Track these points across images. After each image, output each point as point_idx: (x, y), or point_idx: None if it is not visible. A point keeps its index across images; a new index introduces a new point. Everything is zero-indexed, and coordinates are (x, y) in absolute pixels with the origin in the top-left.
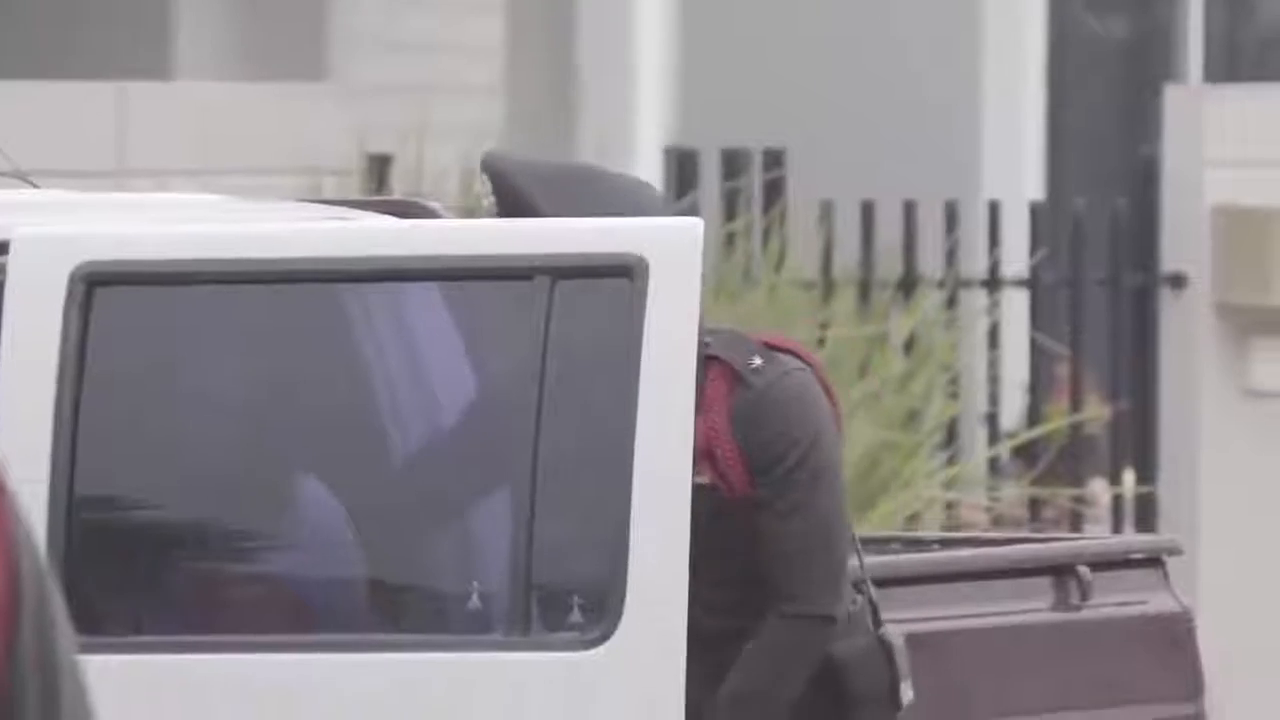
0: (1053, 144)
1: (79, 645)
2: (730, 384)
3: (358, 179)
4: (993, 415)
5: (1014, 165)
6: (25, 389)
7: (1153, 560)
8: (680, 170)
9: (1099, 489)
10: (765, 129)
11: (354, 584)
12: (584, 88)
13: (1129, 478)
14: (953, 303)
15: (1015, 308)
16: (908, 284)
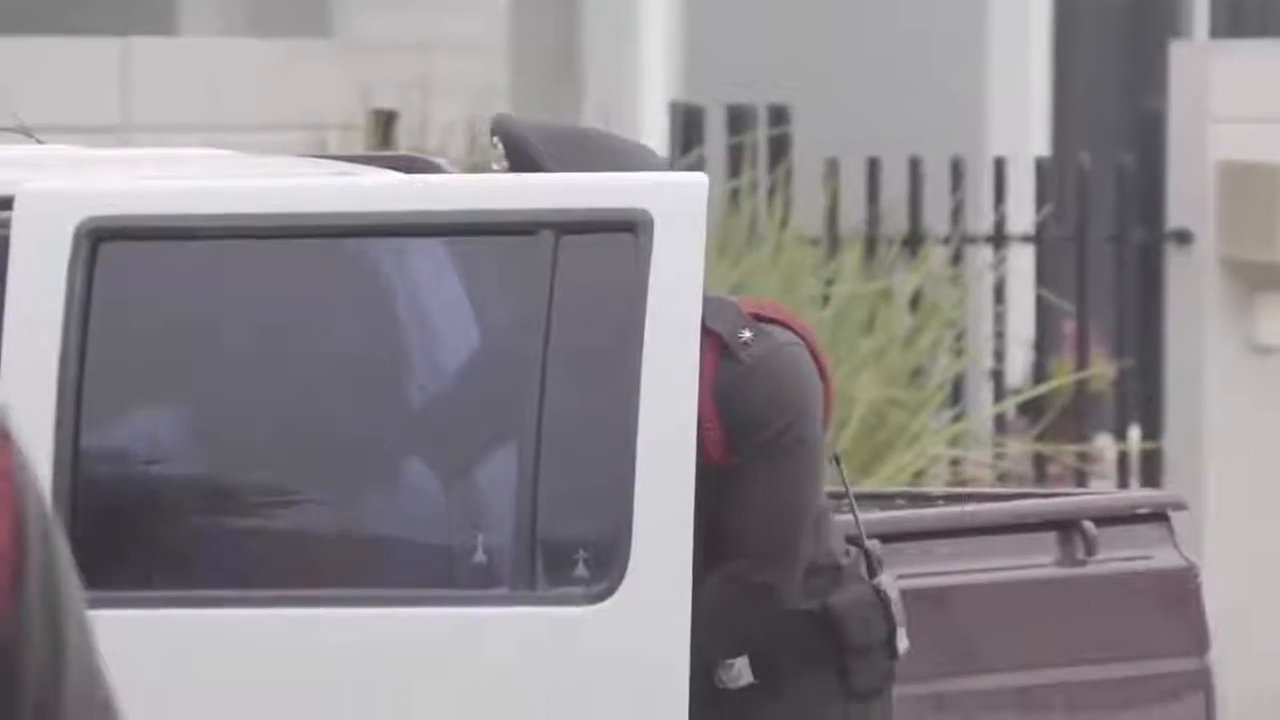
0: (1058, 100)
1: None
2: (717, 355)
3: (363, 134)
4: (998, 372)
5: (1020, 121)
6: (30, 344)
7: (1158, 515)
8: (685, 126)
9: (1104, 445)
10: (771, 85)
11: (359, 539)
12: (589, 43)
13: (1134, 434)
14: (958, 259)
15: (1021, 264)
16: (913, 240)
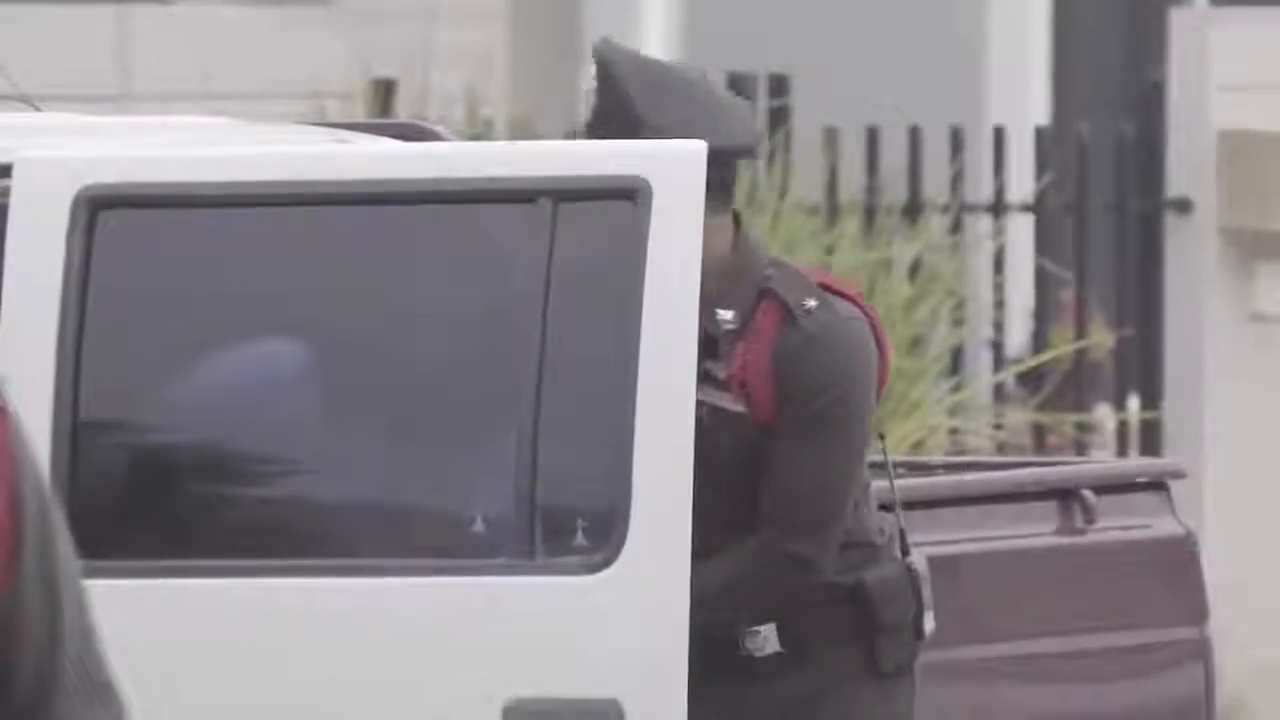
0: (1058, 69)
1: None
2: (779, 320)
3: (361, 103)
4: (998, 341)
5: (1019, 90)
6: (28, 313)
7: (1156, 484)
8: None
9: (1104, 414)
10: (770, 54)
11: (359, 508)
12: (589, 12)
13: (1134, 403)
14: (958, 228)
15: (1020, 233)
16: (913, 209)
